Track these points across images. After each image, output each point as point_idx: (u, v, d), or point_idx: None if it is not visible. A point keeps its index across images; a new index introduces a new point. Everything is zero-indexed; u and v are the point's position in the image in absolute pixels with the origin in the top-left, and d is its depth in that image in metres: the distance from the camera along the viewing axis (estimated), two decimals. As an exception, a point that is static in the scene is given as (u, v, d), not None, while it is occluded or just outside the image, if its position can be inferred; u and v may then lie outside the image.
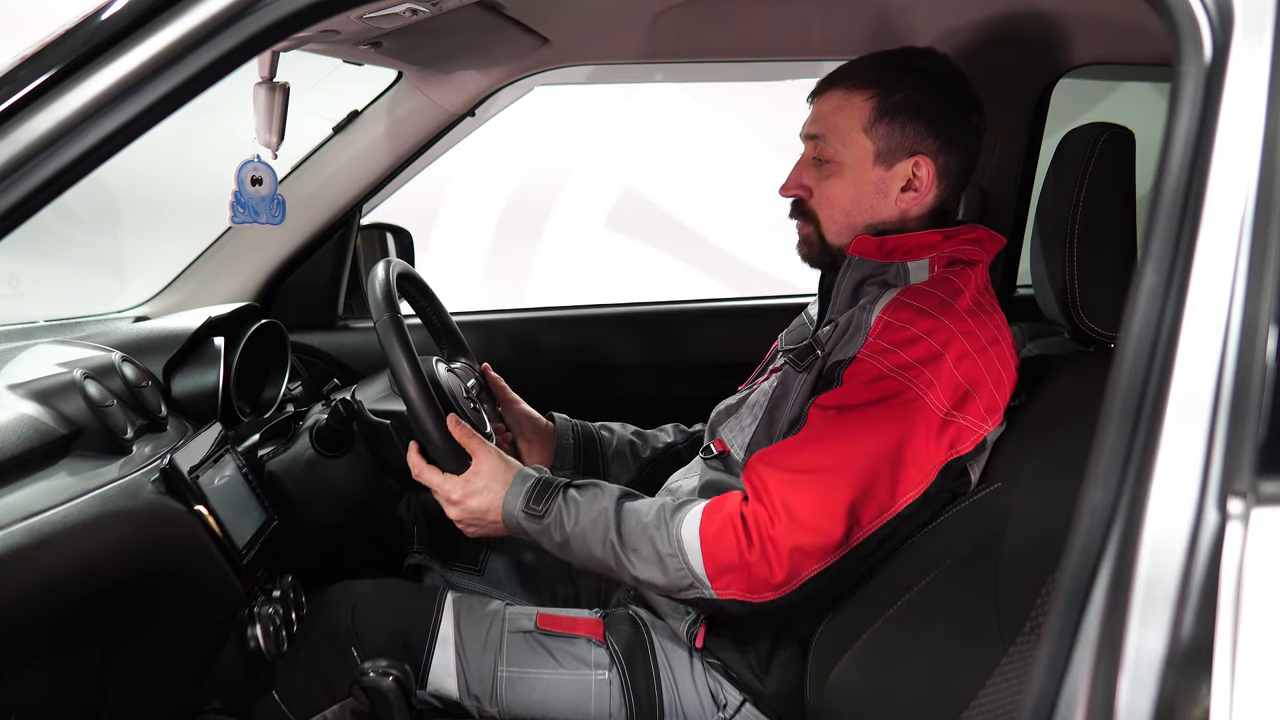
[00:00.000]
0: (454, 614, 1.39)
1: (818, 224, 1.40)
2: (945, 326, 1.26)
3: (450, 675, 1.36)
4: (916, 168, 1.35)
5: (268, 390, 1.70)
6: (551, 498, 1.31)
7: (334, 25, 1.27)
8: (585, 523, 1.28)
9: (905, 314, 1.27)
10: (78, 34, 0.81)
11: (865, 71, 1.38)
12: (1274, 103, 0.71)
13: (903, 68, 1.37)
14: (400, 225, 2.09)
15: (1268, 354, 0.68)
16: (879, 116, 1.35)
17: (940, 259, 1.35)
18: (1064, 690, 0.67)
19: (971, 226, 1.40)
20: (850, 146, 1.36)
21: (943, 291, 1.30)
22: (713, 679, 1.36)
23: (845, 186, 1.37)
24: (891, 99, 1.34)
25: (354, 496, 1.55)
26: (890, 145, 1.35)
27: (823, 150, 1.38)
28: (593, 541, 1.27)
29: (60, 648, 1.15)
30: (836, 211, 1.38)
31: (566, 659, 1.37)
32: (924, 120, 1.35)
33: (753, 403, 1.43)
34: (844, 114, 1.36)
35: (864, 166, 1.36)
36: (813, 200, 1.40)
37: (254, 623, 1.35)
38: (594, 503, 1.29)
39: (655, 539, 1.25)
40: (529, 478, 1.34)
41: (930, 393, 1.23)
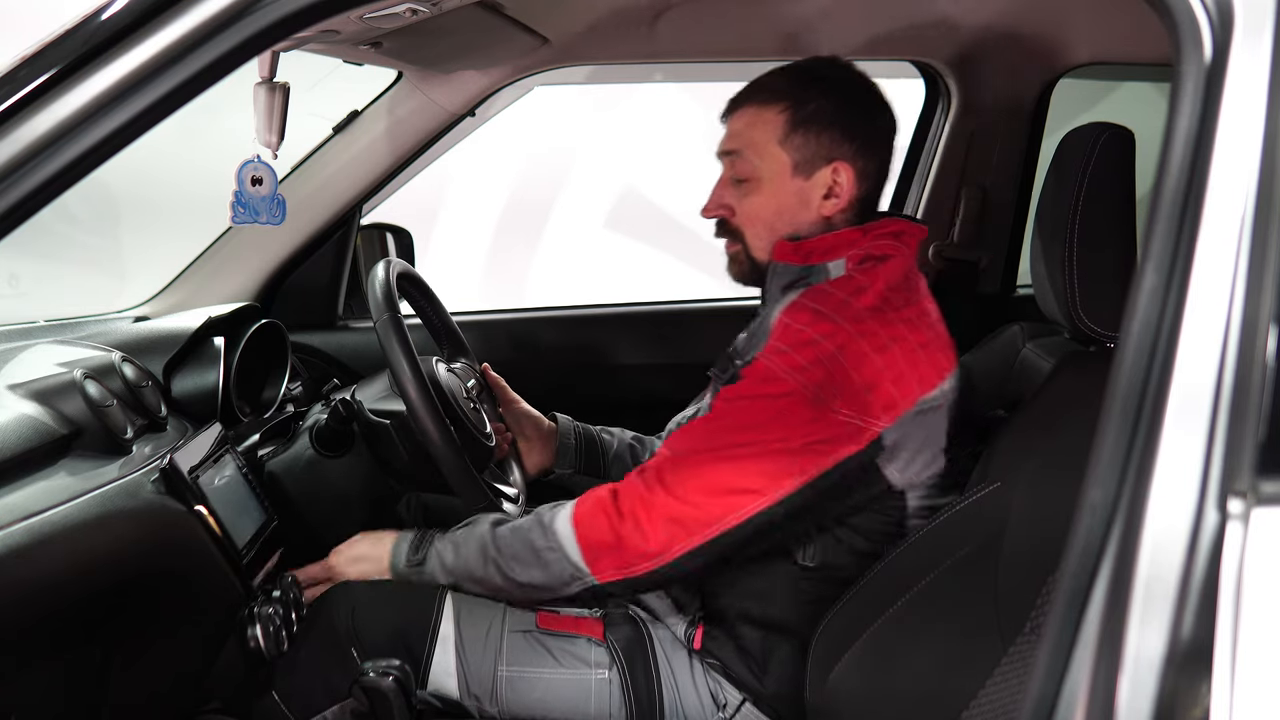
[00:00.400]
0: (454, 614, 1.39)
1: (744, 241, 1.41)
2: (841, 328, 1.25)
3: (450, 675, 1.36)
4: (836, 174, 1.36)
5: (268, 390, 1.70)
6: (426, 546, 1.41)
7: (334, 25, 1.27)
8: (465, 552, 1.37)
9: (803, 316, 1.28)
10: (78, 34, 0.81)
11: (775, 85, 1.39)
12: (1274, 103, 0.71)
13: (811, 78, 1.39)
14: (400, 225, 2.09)
15: (1268, 354, 0.68)
16: (793, 128, 1.36)
17: (855, 256, 1.35)
18: (1064, 690, 0.67)
19: (891, 219, 1.40)
20: (767, 160, 1.37)
21: (844, 291, 1.30)
22: (712, 679, 1.36)
23: (766, 201, 1.38)
24: (804, 110, 1.36)
25: (354, 496, 1.55)
26: (807, 155, 1.36)
27: (740, 167, 1.39)
28: (474, 565, 1.36)
29: (60, 648, 1.15)
30: (760, 227, 1.39)
31: (566, 658, 1.37)
32: (838, 127, 1.36)
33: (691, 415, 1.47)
34: (757, 129, 1.37)
35: (783, 179, 1.37)
36: (736, 218, 1.41)
37: (254, 623, 1.35)
38: (470, 532, 1.38)
39: (533, 539, 1.31)
40: (406, 538, 1.43)
41: (820, 392, 1.23)
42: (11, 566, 0.98)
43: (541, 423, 1.71)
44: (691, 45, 1.85)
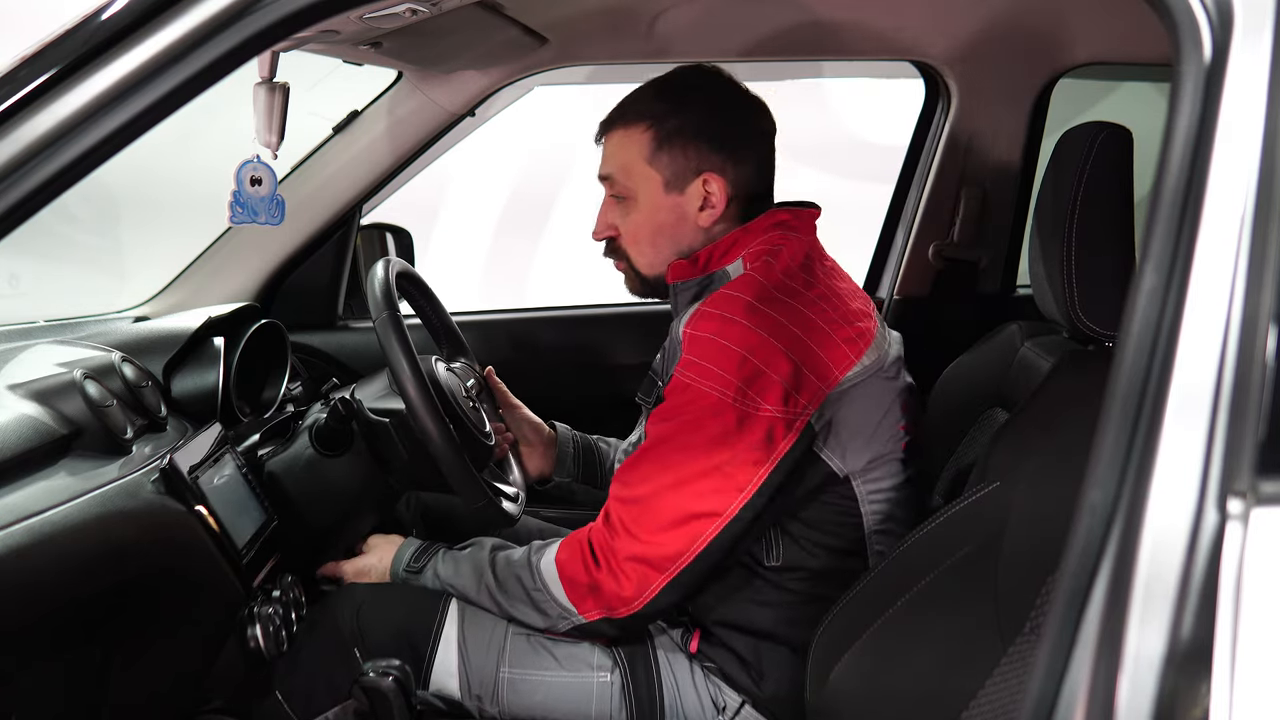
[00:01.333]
0: (458, 615, 1.39)
1: (629, 260, 1.44)
2: (744, 327, 1.26)
3: (452, 675, 1.36)
4: (707, 185, 1.38)
5: (268, 390, 1.70)
6: (429, 557, 1.45)
7: (334, 25, 1.27)
8: (463, 571, 1.40)
9: (705, 324, 1.28)
10: (78, 34, 0.81)
11: (639, 105, 1.41)
12: (1274, 103, 0.71)
13: (673, 93, 1.40)
14: (400, 225, 2.09)
15: (1267, 353, 0.68)
16: (659, 146, 1.38)
17: (750, 254, 1.36)
18: (1064, 690, 0.67)
19: (770, 212, 1.40)
20: (638, 180, 1.39)
21: (743, 291, 1.30)
22: (711, 682, 1.36)
23: (644, 220, 1.41)
24: (667, 126, 1.37)
25: (354, 496, 1.55)
26: (676, 171, 1.38)
27: (617, 189, 1.42)
28: (469, 587, 1.39)
29: (60, 648, 1.15)
30: (643, 244, 1.42)
31: (568, 660, 1.37)
32: (703, 140, 1.37)
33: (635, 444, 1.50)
34: (626, 150, 1.40)
35: (656, 197, 1.39)
36: (622, 239, 1.44)
37: (254, 623, 1.35)
38: (472, 554, 1.41)
39: (522, 577, 1.34)
40: (411, 545, 1.48)
41: (741, 395, 1.24)
42: (11, 566, 0.98)
43: (542, 428, 1.72)
44: (691, 45, 1.85)
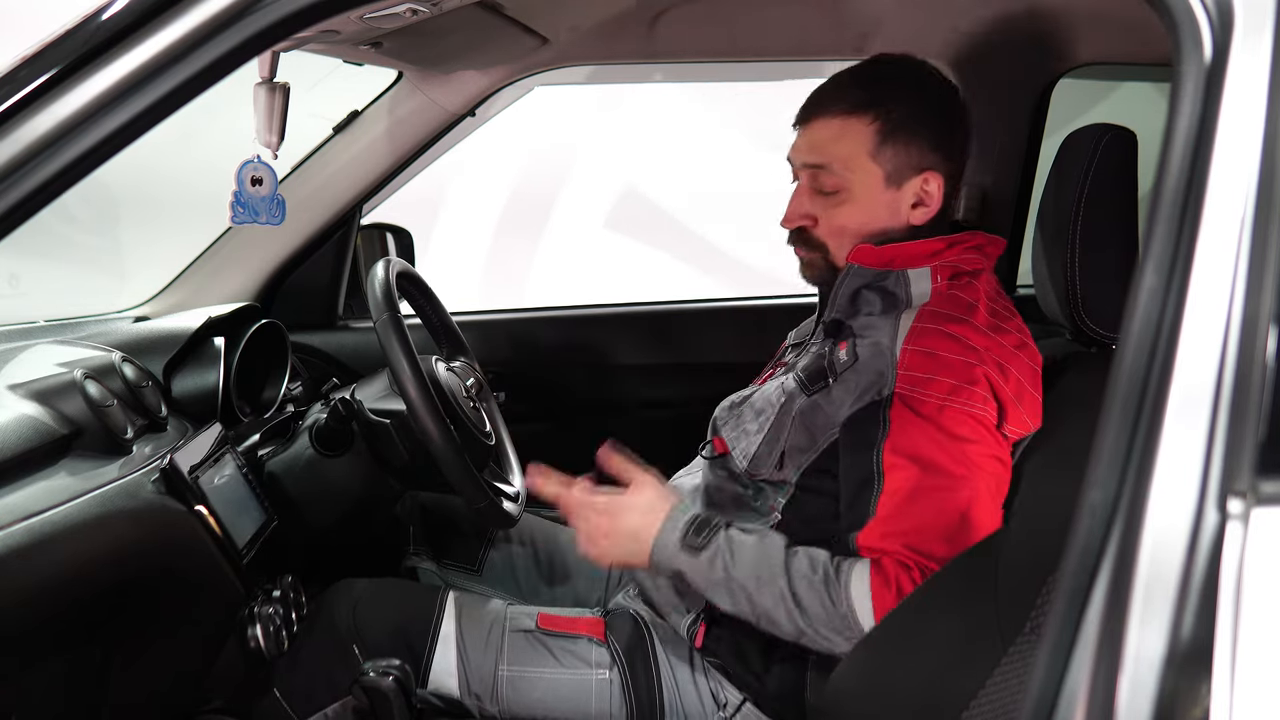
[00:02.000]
0: (455, 612, 1.39)
1: (825, 251, 1.36)
2: (969, 347, 1.24)
3: (451, 674, 1.36)
4: (926, 184, 1.33)
5: (268, 390, 1.70)
6: (713, 533, 1.24)
7: (334, 25, 1.27)
8: (750, 565, 1.22)
9: (931, 340, 1.25)
10: (78, 34, 0.81)
11: (861, 92, 1.33)
12: (1274, 103, 0.71)
13: (898, 84, 1.34)
14: (400, 225, 2.09)
15: (1268, 354, 0.68)
16: (884, 139, 1.31)
17: (942, 270, 1.32)
18: (1064, 690, 0.67)
19: (971, 233, 1.38)
20: (858, 174, 1.32)
21: (958, 310, 1.28)
22: (713, 679, 1.35)
23: (856, 213, 1.33)
24: (893, 119, 1.31)
25: (354, 496, 1.55)
26: (898, 166, 1.32)
27: (826, 180, 1.33)
28: (760, 587, 1.21)
29: (60, 648, 1.15)
30: (848, 238, 1.34)
31: (567, 658, 1.37)
32: (927, 136, 1.32)
33: (759, 409, 1.38)
34: (846, 141, 1.32)
35: (875, 192, 1.32)
36: (818, 229, 1.36)
37: (254, 623, 1.36)
38: (760, 546, 1.23)
39: (823, 598, 1.20)
40: (688, 510, 1.27)
41: (986, 408, 1.22)
42: (12, 566, 0.98)
43: None
44: (691, 45, 1.85)
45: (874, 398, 1.25)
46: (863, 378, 1.27)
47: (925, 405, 1.22)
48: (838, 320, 1.35)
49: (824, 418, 1.30)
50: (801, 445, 1.32)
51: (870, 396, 1.26)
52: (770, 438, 1.34)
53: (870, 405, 1.25)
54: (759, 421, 1.37)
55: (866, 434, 1.25)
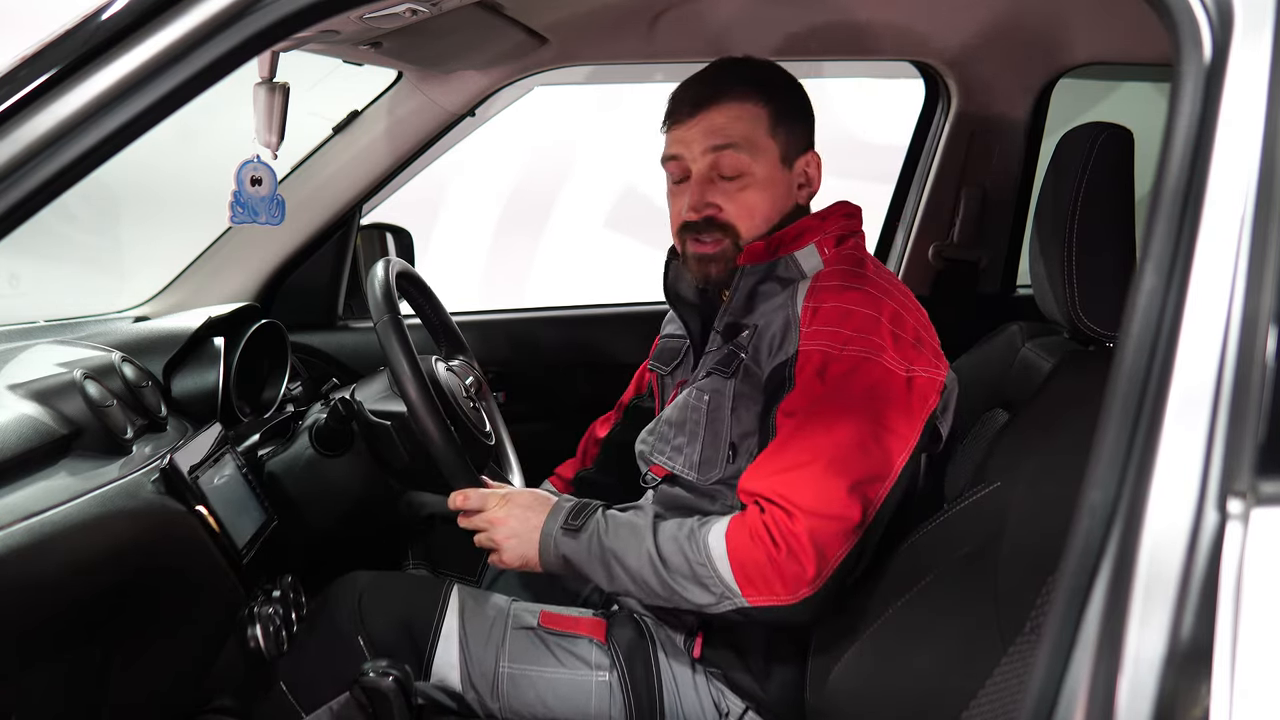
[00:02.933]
0: (459, 607, 1.39)
1: (736, 238, 1.38)
2: (866, 294, 1.30)
3: (454, 667, 1.36)
4: (808, 165, 1.41)
5: (268, 390, 1.70)
6: (590, 513, 1.32)
7: (334, 25, 1.27)
8: (624, 534, 1.29)
9: (827, 295, 1.31)
10: (78, 34, 0.81)
11: (744, 82, 1.39)
12: (1274, 102, 0.71)
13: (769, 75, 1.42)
14: (400, 225, 2.09)
15: (1267, 354, 0.68)
16: (776, 121, 1.38)
17: (826, 240, 1.38)
18: (1064, 690, 0.67)
19: (839, 203, 1.44)
20: (760, 153, 1.37)
21: (850, 265, 1.35)
22: (714, 687, 1.35)
23: (760, 194, 1.38)
24: (778, 102, 1.38)
25: (354, 496, 1.55)
26: (788, 146, 1.39)
27: (728, 163, 1.36)
28: (630, 554, 1.27)
29: (60, 648, 1.15)
30: (757, 220, 1.38)
31: (567, 658, 1.37)
32: (803, 119, 1.41)
33: (677, 421, 1.42)
34: (745, 121, 1.37)
35: (774, 170, 1.38)
36: (725, 214, 1.38)
37: (254, 623, 1.36)
38: (632, 517, 1.32)
39: (686, 551, 1.25)
40: (569, 499, 1.36)
41: (884, 355, 1.25)
42: (12, 566, 0.98)
43: None
44: (691, 45, 1.85)
45: (782, 358, 1.31)
46: (772, 342, 1.33)
47: (821, 356, 1.27)
48: (732, 322, 1.39)
49: (755, 391, 1.34)
50: (748, 429, 1.35)
51: (779, 358, 1.31)
52: (710, 437, 1.37)
53: (779, 366, 1.31)
54: (686, 430, 1.40)
55: (775, 395, 1.31)
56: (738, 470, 1.34)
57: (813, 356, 1.27)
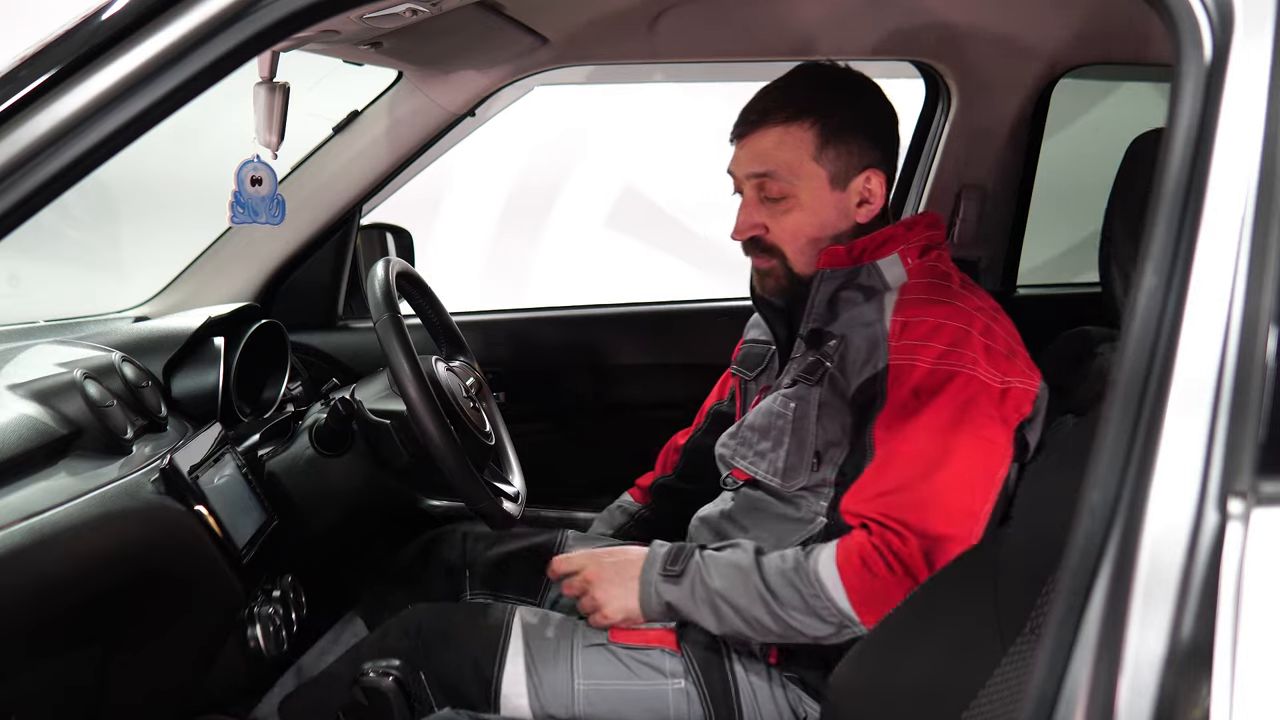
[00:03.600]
0: (522, 631, 1.36)
1: (783, 258, 1.40)
2: (957, 307, 1.29)
3: (521, 694, 1.32)
4: (868, 182, 1.38)
5: (268, 390, 1.70)
6: (688, 557, 1.31)
7: (334, 25, 1.27)
8: (728, 574, 1.27)
9: (916, 309, 1.30)
10: (78, 34, 0.81)
11: (795, 100, 1.37)
12: (1274, 103, 0.71)
13: (830, 88, 1.38)
14: (400, 225, 2.09)
15: (1268, 354, 0.68)
16: (825, 143, 1.35)
17: (910, 250, 1.38)
18: (1064, 690, 0.67)
19: (924, 214, 1.45)
20: (803, 178, 1.36)
21: (936, 278, 1.34)
22: (791, 693, 1.33)
23: (806, 218, 1.37)
24: (832, 122, 1.35)
25: (354, 496, 1.55)
26: (841, 168, 1.36)
27: (772, 188, 1.37)
28: (738, 593, 1.26)
29: (60, 648, 1.15)
30: (802, 242, 1.38)
31: (641, 669, 1.33)
32: (865, 135, 1.37)
33: (762, 426, 1.42)
34: (788, 147, 1.36)
35: (821, 194, 1.37)
36: (771, 235, 1.39)
37: (254, 623, 1.36)
38: (733, 555, 1.30)
39: (796, 583, 1.24)
40: (663, 545, 1.34)
41: (978, 368, 1.24)
42: (11, 566, 0.98)
43: None
44: (691, 45, 1.85)
45: (871, 371, 1.30)
46: (859, 354, 1.32)
47: (917, 371, 1.26)
48: (816, 329, 1.38)
49: (841, 401, 1.33)
50: (834, 439, 1.34)
51: (868, 371, 1.30)
52: (795, 444, 1.36)
53: (868, 380, 1.30)
54: (771, 437, 1.40)
55: (865, 409, 1.29)
56: (822, 479, 1.34)
57: (905, 371, 1.26)
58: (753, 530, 1.40)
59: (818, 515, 1.35)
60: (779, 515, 1.38)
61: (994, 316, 1.31)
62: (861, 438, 1.30)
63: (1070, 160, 2.22)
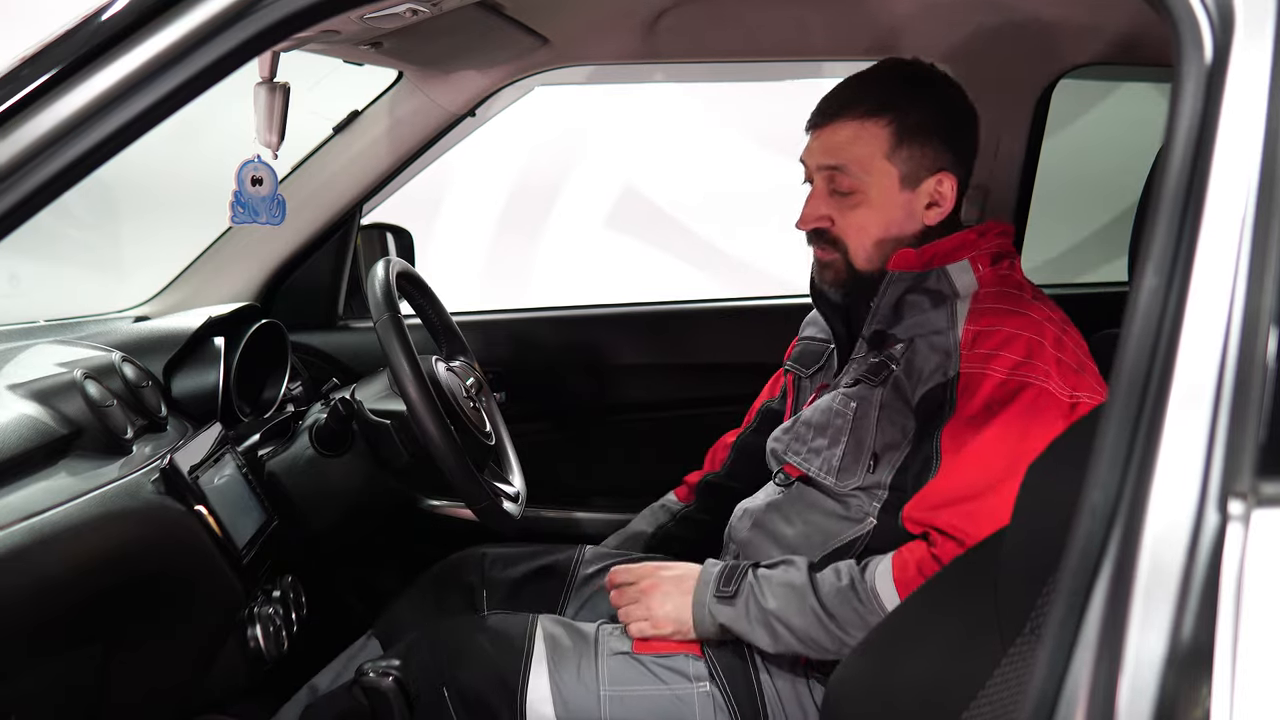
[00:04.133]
0: (545, 641, 1.35)
1: (845, 251, 1.39)
2: (1030, 318, 1.28)
3: (546, 701, 1.30)
4: (939, 184, 1.36)
5: (268, 390, 1.70)
6: (741, 577, 1.31)
7: (334, 25, 1.27)
8: (782, 594, 1.27)
9: (989, 319, 1.29)
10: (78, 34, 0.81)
11: (874, 96, 1.35)
12: (1275, 103, 0.71)
13: (911, 87, 1.36)
14: (400, 225, 2.09)
15: (1268, 355, 0.68)
16: (899, 142, 1.34)
17: (981, 258, 1.36)
18: (1064, 690, 0.67)
19: (994, 222, 1.43)
20: (874, 175, 1.35)
21: (1010, 288, 1.33)
22: (817, 691, 1.32)
23: (873, 215, 1.36)
24: (908, 122, 1.34)
25: (354, 496, 1.55)
26: (913, 168, 1.35)
27: (842, 182, 1.36)
28: (793, 614, 1.26)
29: (60, 648, 1.15)
30: (866, 239, 1.37)
31: (666, 674, 1.32)
32: (941, 137, 1.35)
33: (819, 424, 1.41)
34: (862, 143, 1.35)
35: (890, 193, 1.35)
36: (836, 228, 1.38)
37: (254, 623, 1.36)
38: (786, 574, 1.29)
39: (853, 602, 1.24)
40: (715, 564, 1.34)
41: (1049, 381, 1.23)
42: (12, 566, 0.98)
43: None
44: (692, 45, 1.85)
45: (940, 379, 1.28)
46: (927, 361, 1.30)
47: (989, 382, 1.24)
48: (880, 331, 1.37)
49: (904, 406, 1.32)
50: (893, 442, 1.33)
51: (937, 378, 1.29)
52: (853, 444, 1.35)
53: (937, 387, 1.28)
54: (828, 434, 1.39)
55: (932, 416, 1.28)
56: (877, 481, 1.34)
57: (977, 381, 1.25)
58: (798, 525, 1.39)
59: (868, 516, 1.34)
60: (828, 512, 1.37)
61: (1064, 328, 1.30)
62: (925, 445, 1.28)
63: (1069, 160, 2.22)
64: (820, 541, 1.36)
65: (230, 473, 1.38)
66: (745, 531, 1.45)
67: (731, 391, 2.18)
